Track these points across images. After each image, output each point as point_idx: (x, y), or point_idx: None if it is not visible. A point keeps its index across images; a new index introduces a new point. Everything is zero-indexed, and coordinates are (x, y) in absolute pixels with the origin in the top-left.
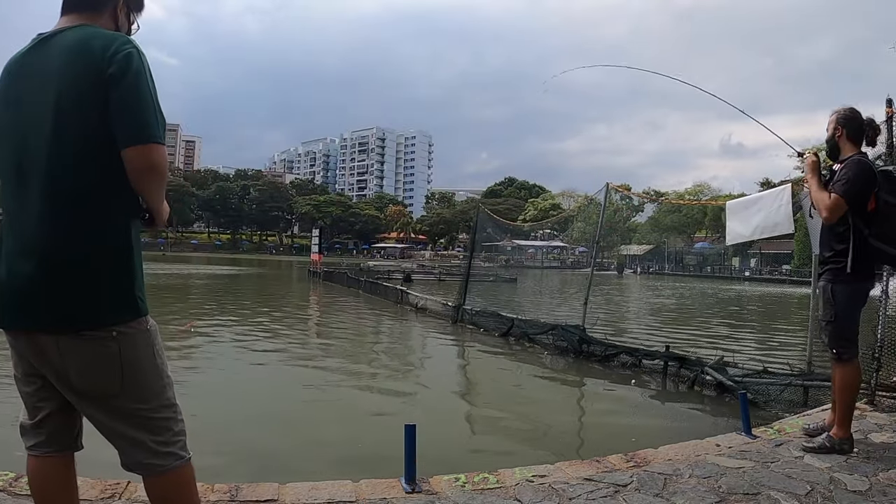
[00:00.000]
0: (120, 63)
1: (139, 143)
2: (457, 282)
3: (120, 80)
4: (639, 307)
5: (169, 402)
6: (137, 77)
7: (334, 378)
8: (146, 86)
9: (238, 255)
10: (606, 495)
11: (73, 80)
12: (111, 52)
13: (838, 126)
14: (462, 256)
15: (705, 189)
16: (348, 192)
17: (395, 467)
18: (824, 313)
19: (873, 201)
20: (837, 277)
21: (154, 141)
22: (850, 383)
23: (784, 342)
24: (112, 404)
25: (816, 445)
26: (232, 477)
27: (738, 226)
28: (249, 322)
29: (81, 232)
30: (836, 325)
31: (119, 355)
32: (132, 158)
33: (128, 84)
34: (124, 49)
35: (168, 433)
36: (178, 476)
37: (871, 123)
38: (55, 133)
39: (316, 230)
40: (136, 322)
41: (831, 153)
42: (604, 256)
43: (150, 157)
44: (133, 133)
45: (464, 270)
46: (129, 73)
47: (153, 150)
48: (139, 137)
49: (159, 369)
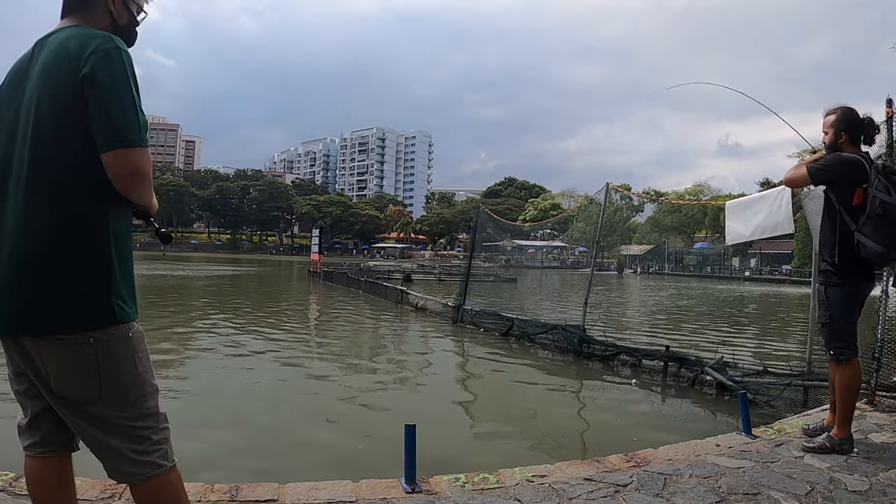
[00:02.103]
0: (94, 63)
1: (118, 147)
2: (457, 282)
3: (95, 81)
4: (639, 307)
5: (149, 411)
6: (114, 77)
7: (334, 378)
8: (125, 86)
9: (238, 255)
10: (606, 495)
11: (54, 84)
12: (88, 52)
13: (841, 132)
14: (462, 256)
15: (705, 189)
16: (348, 192)
17: (395, 467)
18: (820, 315)
19: (859, 196)
20: (830, 280)
21: (133, 144)
22: (850, 384)
23: (784, 342)
24: (89, 411)
25: (816, 446)
26: (232, 477)
27: (737, 226)
28: (249, 322)
29: (59, 237)
30: (831, 327)
31: (96, 361)
32: (111, 163)
33: (103, 84)
34: (101, 49)
35: (146, 442)
36: (160, 484)
37: (871, 123)
38: (36, 135)
39: (316, 230)
40: (114, 328)
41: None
42: (604, 256)
43: (128, 161)
44: (111, 136)
45: (464, 270)
46: (105, 73)
47: (132, 153)
48: (117, 141)
49: (140, 378)
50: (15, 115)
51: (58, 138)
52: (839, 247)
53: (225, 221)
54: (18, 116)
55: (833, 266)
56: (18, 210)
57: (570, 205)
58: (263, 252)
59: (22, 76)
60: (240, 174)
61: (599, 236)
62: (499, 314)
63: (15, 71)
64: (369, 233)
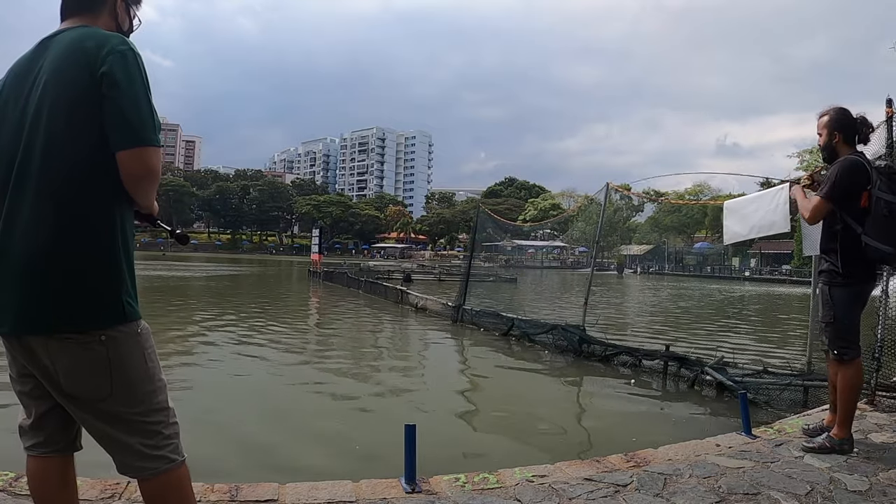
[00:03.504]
0: (112, 63)
1: (133, 146)
2: (457, 282)
3: (113, 80)
4: (639, 307)
5: (160, 405)
6: (131, 77)
7: (334, 378)
8: (140, 87)
9: (238, 255)
10: (606, 495)
11: (68, 81)
12: (105, 51)
13: (834, 132)
14: (462, 256)
15: (705, 189)
16: (348, 192)
17: (395, 467)
18: (824, 315)
19: (866, 198)
20: (834, 280)
21: (148, 143)
22: (852, 384)
23: (784, 342)
24: (101, 408)
25: (816, 446)
26: (232, 477)
27: (735, 225)
28: (249, 321)
29: (69, 236)
30: (835, 327)
31: (107, 359)
32: (125, 162)
33: (120, 84)
34: (119, 49)
35: (158, 437)
36: (170, 478)
37: (865, 121)
38: (48, 134)
39: (316, 230)
40: (124, 326)
41: (829, 158)
42: (604, 256)
43: (144, 161)
44: (127, 135)
45: (464, 270)
46: (123, 73)
47: (147, 153)
48: (133, 140)
49: (150, 373)
50: (21, 113)
51: (71, 136)
52: (843, 248)
53: (225, 221)
54: (25, 115)
55: (837, 267)
56: (28, 208)
57: (570, 205)
58: (263, 252)
59: (26, 75)
60: (240, 174)
61: (599, 236)
62: (499, 314)
63: (18, 69)
64: (369, 233)
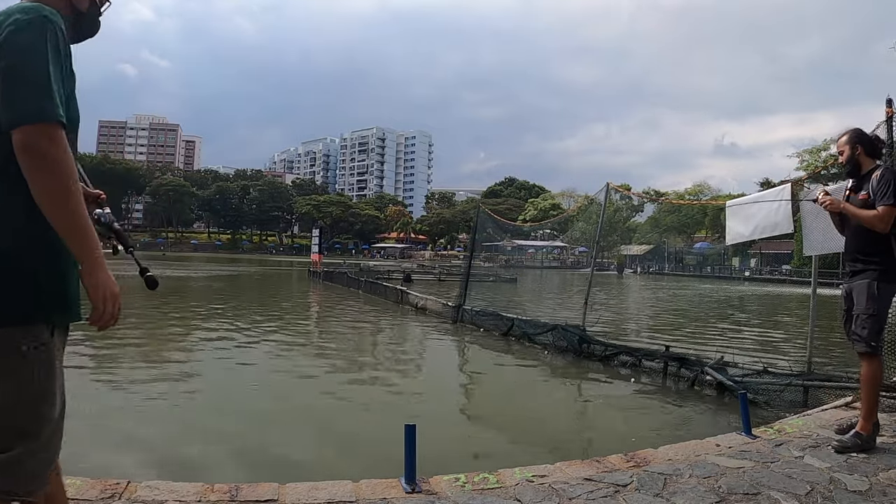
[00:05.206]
0: (9, 33)
1: (23, 124)
2: (457, 282)
3: (5, 51)
4: (639, 307)
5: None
6: (21, 47)
7: (334, 378)
8: (39, 58)
9: (238, 255)
10: (606, 495)
11: None
12: (7, 22)
13: (857, 145)
14: (462, 256)
15: (705, 189)
16: (348, 192)
17: (395, 467)
18: (866, 307)
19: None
20: (884, 276)
21: (36, 120)
22: (876, 374)
23: (784, 342)
24: None
25: (849, 444)
26: (232, 477)
27: (737, 225)
28: (249, 321)
29: None
30: (876, 319)
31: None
32: (14, 142)
33: (10, 55)
34: (17, 19)
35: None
36: None
37: (878, 138)
38: None
39: (316, 230)
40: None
41: (852, 171)
42: (604, 256)
43: (26, 141)
44: (17, 111)
45: (464, 270)
46: (16, 43)
47: (34, 130)
48: (21, 116)
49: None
50: None
51: None
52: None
53: (225, 221)
54: None
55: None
56: None
57: (569, 205)
58: (263, 252)
59: None
60: (240, 174)
61: (599, 236)
62: (499, 314)
63: None
64: (369, 233)
